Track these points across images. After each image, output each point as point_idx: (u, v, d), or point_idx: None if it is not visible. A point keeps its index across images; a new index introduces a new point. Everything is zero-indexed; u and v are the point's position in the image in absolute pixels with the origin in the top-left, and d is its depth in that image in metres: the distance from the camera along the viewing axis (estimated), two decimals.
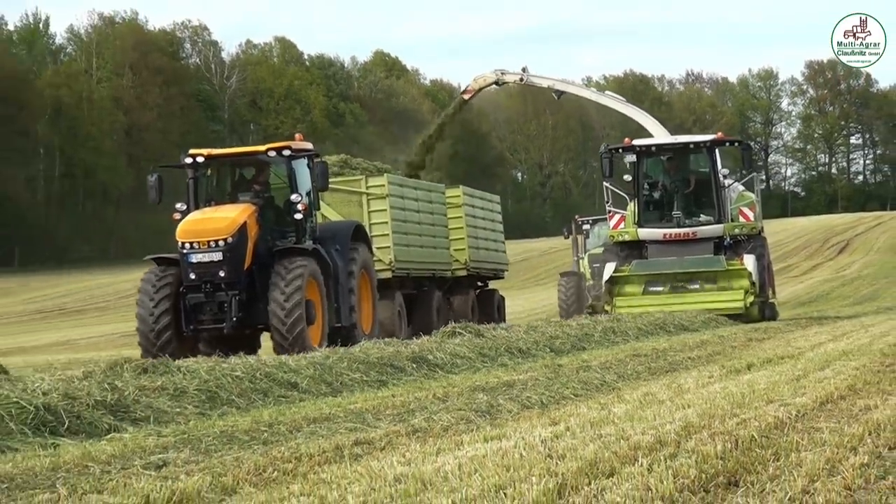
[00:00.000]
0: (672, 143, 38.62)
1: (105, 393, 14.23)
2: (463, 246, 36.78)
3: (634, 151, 36.72)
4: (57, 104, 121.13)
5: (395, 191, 32.61)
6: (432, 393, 16.08)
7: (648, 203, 37.03)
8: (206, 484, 9.26)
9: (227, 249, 24.19)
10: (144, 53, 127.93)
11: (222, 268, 24.20)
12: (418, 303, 34.00)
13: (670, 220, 36.50)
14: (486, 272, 39.40)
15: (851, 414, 11.60)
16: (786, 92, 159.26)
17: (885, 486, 8.08)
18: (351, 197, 31.77)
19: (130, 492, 8.98)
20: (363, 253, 27.50)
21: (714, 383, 15.62)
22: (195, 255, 24.21)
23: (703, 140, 37.77)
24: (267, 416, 14.04)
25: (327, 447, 11.16)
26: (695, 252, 36.00)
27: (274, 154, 25.67)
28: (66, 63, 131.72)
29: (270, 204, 26.10)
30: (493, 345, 22.50)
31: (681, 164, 37.55)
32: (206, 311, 24.54)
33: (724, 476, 8.50)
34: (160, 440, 12.32)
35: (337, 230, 27.40)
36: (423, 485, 8.73)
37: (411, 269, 33.06)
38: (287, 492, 8.85)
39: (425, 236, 34.27)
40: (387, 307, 30.68)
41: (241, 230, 24.42)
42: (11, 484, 9.70)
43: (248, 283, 24.67)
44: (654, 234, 36.46)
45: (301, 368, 17.85)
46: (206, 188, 26.43)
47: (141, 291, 24.64)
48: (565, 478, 8.56)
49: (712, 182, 36.74)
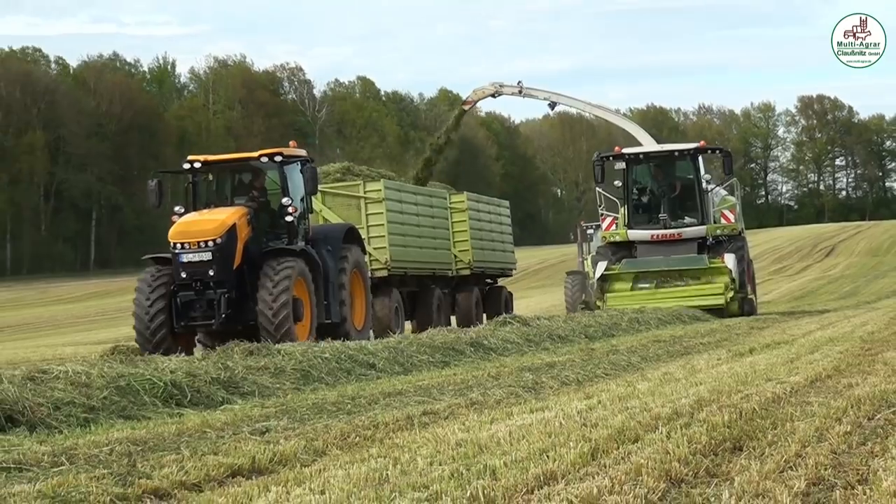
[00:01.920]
0: (658, 151, 36.06)
1: (219, 371, 14.30)
2: (467, 247, 34.01)
3: (624, 159, 34.18)
4: (181, 132, 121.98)
5: (392, 195, 30.10)
6: (487, 372, 16.07)
7: (637, 206, 34.56)
8: (301, 447, 9.30)
9: (216, 250, 22.13)
10: (251, 90, 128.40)
11: (211, 267, 22.11)
12: (420, 300, 31.37)
13: (657, 222, 33.89)
14: (492, 271, 36.48)
15: (837, 390, 11.55)
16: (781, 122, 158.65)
17: (865, 450, 8.06)
18: (350, 201, 29.41)
19: (240, 453, 9.03)
20: (355, 253, 25.13)
21: (722, 364, 15.57)
22: (186, 255, 22.19)
23: (687, 148, 35.14)
24: (350, 391, 14.06)
25: (400, 417, 11.17)
26: (680, 251, 33.54)
27: (266, 160, 23.68)
28: (189, 98, 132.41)
29: (266, 207, 23.92)
30: (537, 332, 22.43)
31: (667, 171, 34.92)
32: (196, 309, 22.35)
33: (730, 442, 8.49)
34: (263, 410, 12.37)
35: (329, 232, 25.25)
36: (479, 448, 8.74)
37: (409, 268, 30.51)
38: (367, 454, 8.87)
39: (425, 237, 31.70)
40: (384, 304, 28.51)
41: (230, 232, 22.36)
42: (145, 446, 9.77)
43: (239, 282, 22.56)
44: (643, 235, 33.89)
45: (378, 352, 17.82)
46: (206, 192, 24.27)
47: (138, 290, 22.62)
48: (597, 443, 8.56)
49: (696, 187, 34.19)
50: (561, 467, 7.65)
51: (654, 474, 7.22)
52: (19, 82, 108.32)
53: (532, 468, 7.62)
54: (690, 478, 7.29)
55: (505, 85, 41.63)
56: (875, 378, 12.44)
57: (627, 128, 41.35)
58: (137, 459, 8.94)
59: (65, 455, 9.26)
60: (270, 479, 7.97)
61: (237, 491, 7.55)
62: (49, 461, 9.02)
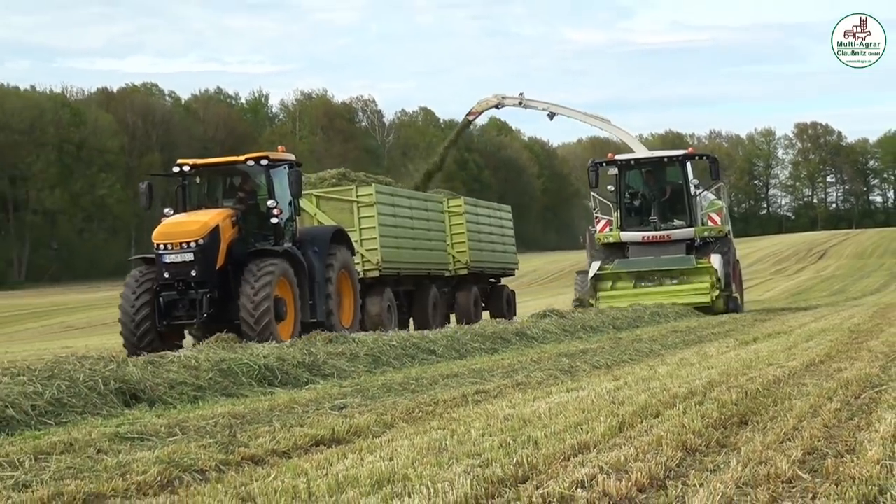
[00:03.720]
0: (649, 157, 32.93)
1: (304, 357, 14.31)
2: (464, 248, 31.09)
3: (617, 165, 31.42)
4: None
5: (384, 199, 27.09)
6: (529, 357, 16.04)
7: (629, 210, 31.67)
8: (373, 421, 9.31)
9: (198, 250, 19.76)
10: (331, 119, 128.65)
11: (193, 267, 19.74)
12: (416, 298, 28.51)
13: (648, 224, 31.16)
14: (492, 271, 33.42)
15: (828, 373, 11.48)
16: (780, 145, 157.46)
17: (853, 424, 8.00)
18: (343, 204, 26.41)
19: (322, 425, 9.06)
20: (343, 254, 22.54)
21: (730, 351, 15.50)
22: (168, 256, 19.81)
23: (676, 154, 32.33)
24: (414, 373, 14.05)
25: (456, 395, 11.17)
26: (669, 252, 30.76)
27: (252, 164, 21.12)
28: (279, 126, 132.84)
29: (254, 210, 21.34)
30: (573, 323, 22.35)
31: (657, 176, 31.96)
32: (179, 308, 19.95)
33: (738, 417, 8.44)
34: (341, 389, 12.38)
35: (317, 234, 22.70)
36: (523, 422, 8.73)
37: (402, 269, 27.50)
38: (428, 426, 8.87)
39: (419, 239, 28.60)
40: (376, 303, 25.80)
41: (212, 233, 20.00)
42: (243, 419, 9.81)
43: (223, 282, 20.11)
44: (635, 237, 31.12)
45: (437, 340, 17.77)
46: (198, 195, 21.74)
47: (124, 290, 20.24)
48: (624, 418, 8.53)
49: (684, 191, 31.39)
50: (593, 438, 7.63)
51: (673, 444, 7.19)
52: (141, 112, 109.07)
53: (568, 439, 7.61)
54: (703, 448, 7.25)
55: (507, 96, 38.26)
56: (861, 363, 12.38)
57: (621, 136, 38.00)
58: (237, 431, 8.98)
59: (178, 427, 9.32)
60: (347, 448, 7.98)
61: (320, 457, 7.57)
62: (165, 432, 9.08)
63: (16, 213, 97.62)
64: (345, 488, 6.30)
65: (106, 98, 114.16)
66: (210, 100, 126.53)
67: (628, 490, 5.93)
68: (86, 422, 10.05)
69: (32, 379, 10.89)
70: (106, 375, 11.46)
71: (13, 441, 8.93)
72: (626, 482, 6.05)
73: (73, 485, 6.76)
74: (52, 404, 10.45)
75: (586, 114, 37.43)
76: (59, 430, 9.58)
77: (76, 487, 6.67)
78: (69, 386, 10.95)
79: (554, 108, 37.83)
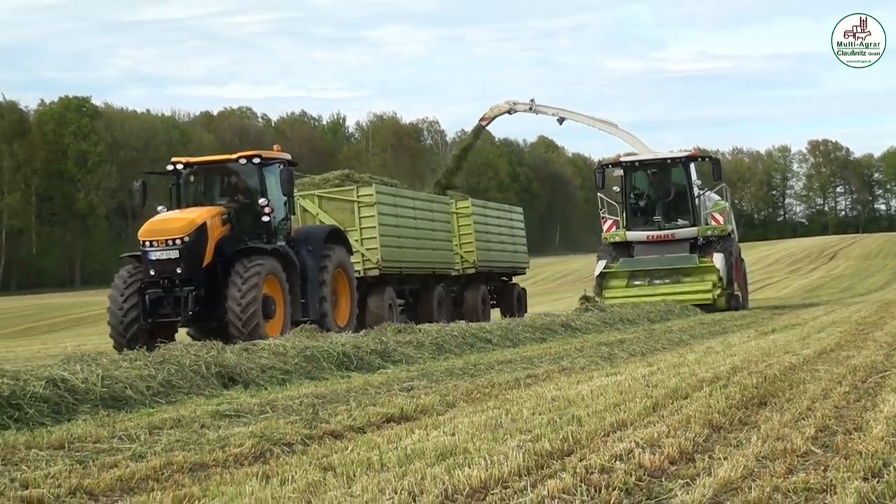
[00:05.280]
0: (654, 159, 29.84)
1: (377, 344, 14.30)
2: (472, 248, 28.66)
3: (622, 166, 29.18)
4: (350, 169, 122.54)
5: (384, 199, 24.60)
6: (574, 346, 15.99)
7: (635, 210, 29.15)
8: (437, 401, 9.31)
9: (183, 248, 17.66)
10: (399, 138, 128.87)
11: (179, 265, 17.66)
12: (422, 297, 25.99)
13: (653, 224, 28.71)
14: (501, 270, 30.76)
15: (838, 360, 11.36)
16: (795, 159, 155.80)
17: (860, 405, 7.91)
18: (344, 205, 24.02)
19: (392, 405, 9.07)
20: (339, 253, 20.30)
21: (751, 341, 15.37)
22: (154, 253, 17.72)
23: (679, 156, 29.51)
24: (473, 360, 14.03)
25: (510, 379, 11.15)
26: (673, 251, 28.34)
27: (245, 162, 19.04)
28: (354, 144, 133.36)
29: (248, 208, 19.11)
30: (611, 316, 22.21)
31: (662, 177, 29.36)
32: (164, 306, 17.83)
33: (757, 399, 8.37)
34: (408, 373, 12.39)
35: (311, 233, 20.32)
36: (568, 402, 8.70)
37: (403, 268, 24.89)
38: (486, 406, 8.85)
39: (423, 239, 25.96)
40: (377, 301, 23.51)
41: (198, 230, 17.88)
42: (324, 399, 9.85)
43: (212, 280, 17.98)
44: (640, 236, 28.65)
45: (493, 330, 17.68)
46: (194, 193, 19.50)
47: (113, 287, 18.15)
48: (657, 399, 8.48)
49: (688, 191, 28.92)
50: (630, 417, 7.60)
51: (700, 422, 7.14)
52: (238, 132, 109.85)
53: (608, 417, 7.58)
54: (727, 425, 7.20)
55: (518, 102, 35.01)
56: (867, 351, 12.25)
57: (627, 139, 34.54)
58: (319, 409, 9.02)
59: (268, 405, 9.38)
60: (414, 424, 7.99)
61: (390, 433, 7.59)
62: (258, 410, 9.14)
63: (134, 221, 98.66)
64: (412, 459, 6.31)
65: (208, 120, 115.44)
66: (296, 121, 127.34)
67: (661, 462, 5.90)
68: (191, 401, 10.14)
69: (147, 364, 11.02)
70: (208, 361, 11.56)
71: (131, 417, 9.03)
72: (659, 455, 6.02)
73: (181, 456, 6.83)
74: (163, 385, 10.55)
75: (594, 118, 34.81)
76: (169, 408, 9.67)
77: (183, 458, 6.74)
78: (177, 370, 11.06)
79: (563, 113, 35.12)
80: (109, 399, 9.76)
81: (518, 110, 34.79)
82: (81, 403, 9.47)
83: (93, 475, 6.28)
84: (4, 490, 5.85)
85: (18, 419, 8.71)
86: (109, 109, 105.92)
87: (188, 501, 5.47)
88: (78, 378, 9.86)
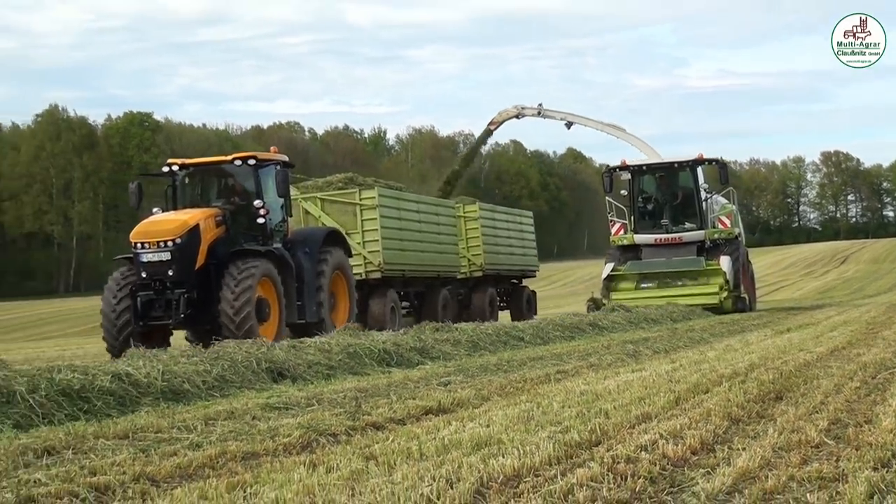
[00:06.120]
0: (661, 163, 28.29)
1: (416, 342, 14.29)
2: (479, 251, 27.27)
3: (630, 170, 27.75)
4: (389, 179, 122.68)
5: (387, 202, 23.00)
6: (601, 343, 15.92)
7: (642, 213, 27.74)
8: (472, 394, 9.30)
9: (175, 250, 16.33)
10: (437, 149, 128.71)
11: (171, 267, 16.31)
12: (426, 299, 24.55)
13: (660, 227, 27.32)
14: (509, 273, 29.10)
15: (849, 358, 11.26)
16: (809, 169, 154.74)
17: (870, 400, 7.83)
18: (346, 207, 22.51)
19: (430, 398, 9.07)
20: (337, 256, 18.87)
21: (767, 339, 15.26)
22: (145, 255, 16.40)
23: (686, 160, 27.64)
24: (506, 356, 13.99)
25: (541, 374, 11.13)
26: (680, 254, 26.81)
27: (240, 163, 17.67)
28: (394, 155, 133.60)
29: (245, 210, 17.75)
30: (636, 316, 22.07)
31: (669, 180, 27.82)
32: (156, 309, 16.47)
33: (774, 393, 8.31)
34: (446, 369, 12.38)
35: (309, 235, 18.91)
36: (596, 396, 8.67)
37: (406, 270, 23.31)
38: (518, 400, 8.83)
39: (427, 242, 24.35)
40: (379, 304, 22.12)
41: (191, 232, 16.56)
42: (366, 393, 9.86)
43: (205, 282, 16.60)
44: (647, 239, 27.18)
45: (525, 329, 17.59)
46: (191, 195, 18.17)
47: (106, 289, 16.81)
48: (679, 393, 8.44)
49: (695, 195, 27.39)
50: (654, 410, 7.56)
51: (720, 415, 7.09)
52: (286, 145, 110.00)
53: (633, 410, 7.54)
54: (745, 418, 7.15)
55: (526, 107, 33.10)
56: (876, 349, 12.13)
57: (635, 143, 32.41)
58: (362, 402, 9.03)
59: (315, 399, 9.40)
60: (451, 417, 7.98)
61: (429, 424, 7.59)
62: (305, 403, 9.16)
63: None
64: (449, 449, 6.30)
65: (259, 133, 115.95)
66: (339, 134, 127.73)
67: (683, 452, 5.87)
68: (243, 394, 10.18)
69: (203, 360, 11.08)
70: (258, 357, 11.61)
71: (188, 409, 9.09)
72: (682, 446, 5.99)
73: (234, 445, 6.85)
74: (218, 380, 10.61)
75: (601, 122, 33.00)
76: (223, 400, 9.72)
77: (236, 447, 6.76)
78: (230, 365, 11.11)
79: (571, 117, 33.10)
80: (169, 392, 9.83)
81: (526, 114, 33.12)
82: (144, 396, 9.55)
83: (154, 463, 6.33)
84: (75, 476, 5.91)
85: (87, 411, 8.80)
86: (169, 124, 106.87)
87: (241, 487, 5.49)
88: (141, 373, 9.94)
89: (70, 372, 9.40)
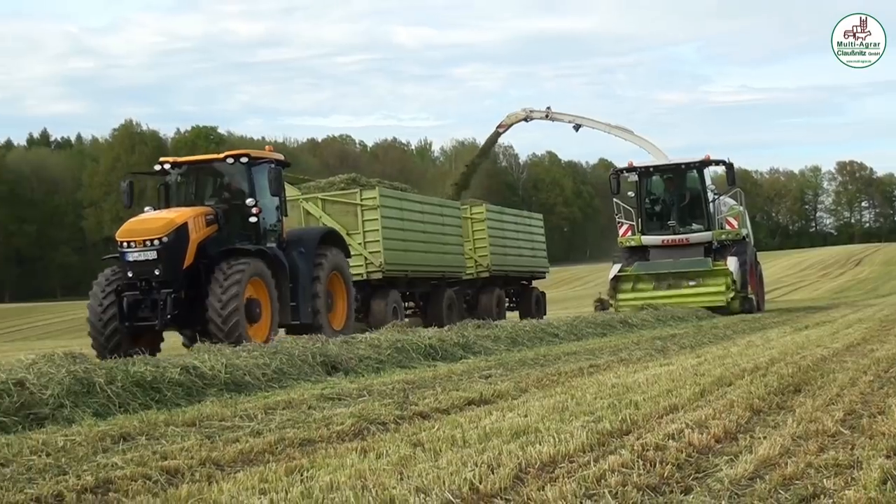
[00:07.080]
0: (668, 164, 26.71)
1: (459, 338, 14.26)
2: (486, 252, 25.83)
3: (637, 172, 26.15)
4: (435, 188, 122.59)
5: (389, 203, 21.50)
6: (631, 340, 15.85)
7: (650, 214, 26.12)
8: (511, 387, 9.28)
9: (161, 249, 14.83)
10: None
11: (157, 266, 14.83)
12: (431, 299, 23.04)
13: (668, 228, 25.75)
14: (517, 274, 27.58)
15: (864, 353, 11.13)
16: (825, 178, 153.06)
17: (883, 392, 7.74)
18: (348, 208, 21.07)
19: (472, 390, 9.06)
20: (334, 256, 17.32)
21: (787, 336, 15.12)
22: (131, 255, 14.90)
23: (693, 161, 25.88)
24: (542, 351, 13.94)
25: (574, 368, 11.08)
26: (687, 255, 25.25)
27: (233, 161, 16.18)
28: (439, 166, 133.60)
29: (238, 209, 16.19)
30: (664, 314, 21.93)
31: (676, 182, 26.14)
32: (142, 309, 14.96)
33: (793, 386, 8.23)
34: (486, 363, 12.34)
35: (304, 235, 17.44)
36: (627, 389, 8.63)
37: (408, 271, 21.81)
38: (554, 392, 8.80)
39: (431, 243, 22.78)
40: (381, 304, 20.74)
41: (178, 231, 15.03)
42: (413, 385, 9.86)
43: (194, 282, 15.10)
44: (655, 240, 25.63)
45: (560, 326, 17.56)
46: (185, 194, 16.60)
47: (93, 291, 15.30)
48: (705, 386, 8.38)
49: (702, 196, 25.82)
50: (680, 402, 7.51)
51: (742, 406, 7.04)
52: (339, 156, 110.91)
53: (661, 402, 7.50)
54: (766, 409, 7.09)
55: (535, 110, 31.14)
56: (889, 345, 12.00)
57: (643, 145, 30.38)
58: (409, 393, 9.04)
59: (365, 390, 9.41)
60: (492, 407, 7.97)
61: (472, 414, 7.58)
62: (356, 394, 9.18)
63: None
64: (490, 437, 6.30)
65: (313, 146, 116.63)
66: (388, 146, 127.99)
67: (708, 441, 5.84)
68: (299, 385, 10.21)
69: (263, 354, 11.15)
70: (314, 351, 11.64)
71: (249, 399, 9.14)
72: (707, 435, 5.95)
73: (292, 433, 6.89)
74: (276, 372, 10.66)
75: (609, 125, 30.94)
76: (281, 391, 9.76)
77: (294, 434, 6.80)
78: (287, 359, 11.16)
79: (579, 120, 31.19)
80: (232, 384, 9.89)
81: (534, 117, 31.23)
82: (209, 387, 9.62)
83: (219, 448, 6.38)
84: (148, 461, 5.97)
85: (159, 400, 8.88)
86: (232, 137, 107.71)
87: (298, 472, 5.52)
88: (206, 366, 10.02)
89: (143, 365, 9.51)
